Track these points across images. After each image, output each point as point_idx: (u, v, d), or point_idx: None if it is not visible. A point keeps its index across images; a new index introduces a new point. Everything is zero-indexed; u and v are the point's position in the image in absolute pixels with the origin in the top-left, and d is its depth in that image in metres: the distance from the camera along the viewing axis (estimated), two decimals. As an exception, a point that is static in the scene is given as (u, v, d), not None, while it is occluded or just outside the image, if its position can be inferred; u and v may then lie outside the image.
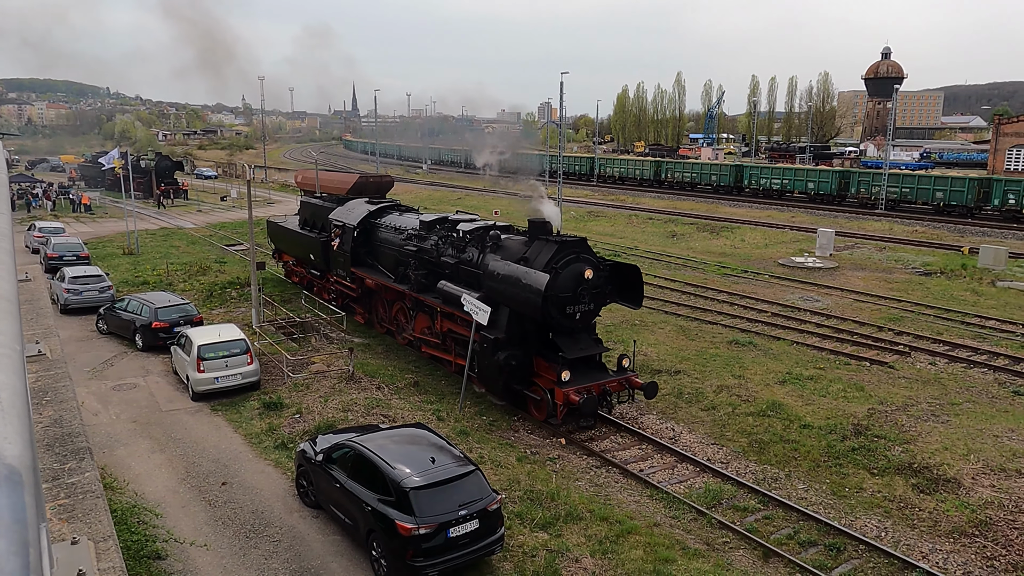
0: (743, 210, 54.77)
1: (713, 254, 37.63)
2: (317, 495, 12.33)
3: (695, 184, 67.64)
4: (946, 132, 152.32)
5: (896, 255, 36.48)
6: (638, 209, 55.77)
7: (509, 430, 15.96)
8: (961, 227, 45.68)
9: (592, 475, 13.99)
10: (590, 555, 11.23)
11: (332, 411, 16.30)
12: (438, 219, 20.69)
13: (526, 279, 15.29)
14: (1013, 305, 26.88)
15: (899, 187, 52.26)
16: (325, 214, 24.80)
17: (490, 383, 16.80)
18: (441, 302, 18.33)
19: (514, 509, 12.42)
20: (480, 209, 56.98)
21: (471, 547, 10.33)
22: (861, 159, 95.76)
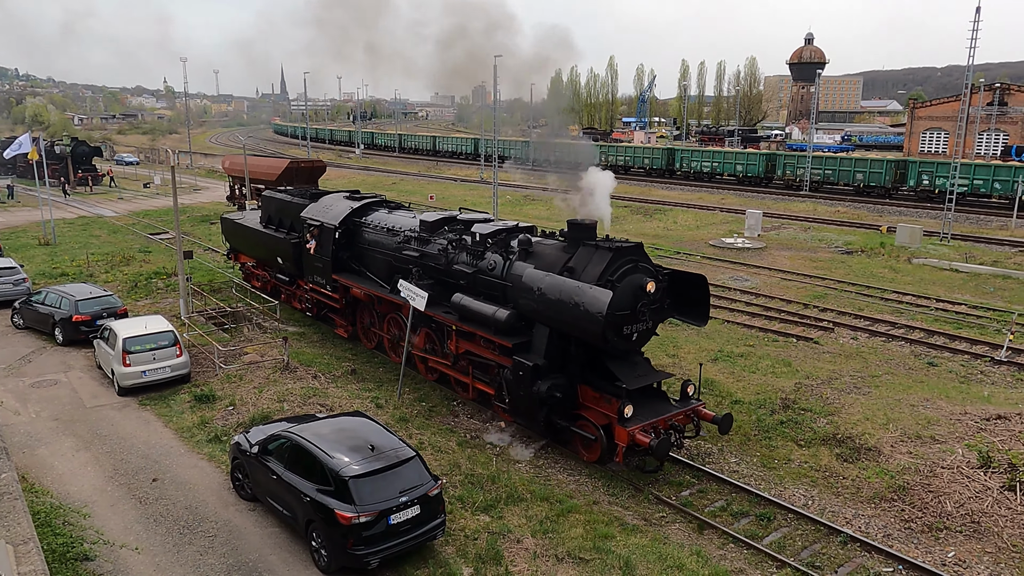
0: (675, 193, 55.87)
1: (647, 236, 38.26)
2: (253, 488, 12.08)
3: (628, 167, 68.53)
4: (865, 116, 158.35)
5: (820, 235, 37.85)
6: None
7: (449, 415, 15.96)
8: (880, 207, 47.68)
9: (532, 456, 14.13)
10: (531, 535, 11.37)
11: (267, 402, 15.96)
12: (443, 219, 17.71)
13: (580, 297, 12.67)
14: (927, 281, 28.29)
15: (822, 169, 54.15)
16: (295, 211, 21.54)
17: (526, 417, 13.97)
18: (457, 319, 15.53)
19: (455, 493, 12.46)
20: (415, 194, 56.46)
21: (413, 533, 10.32)
22: (787, 142, 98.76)
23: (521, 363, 13.67)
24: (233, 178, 45.02)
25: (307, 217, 20.59)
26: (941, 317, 23.24)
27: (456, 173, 73.35)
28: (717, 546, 11.27)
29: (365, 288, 18.65)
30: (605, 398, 13.18)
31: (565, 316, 13.04)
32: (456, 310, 15.56)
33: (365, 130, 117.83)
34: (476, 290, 15.62)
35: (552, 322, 13.58)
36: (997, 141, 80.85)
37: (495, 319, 14.47)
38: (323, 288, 20.28)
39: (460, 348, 15.87)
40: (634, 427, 12.57)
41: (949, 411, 15.58)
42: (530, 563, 10.68)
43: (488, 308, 14.73)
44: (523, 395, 13.67)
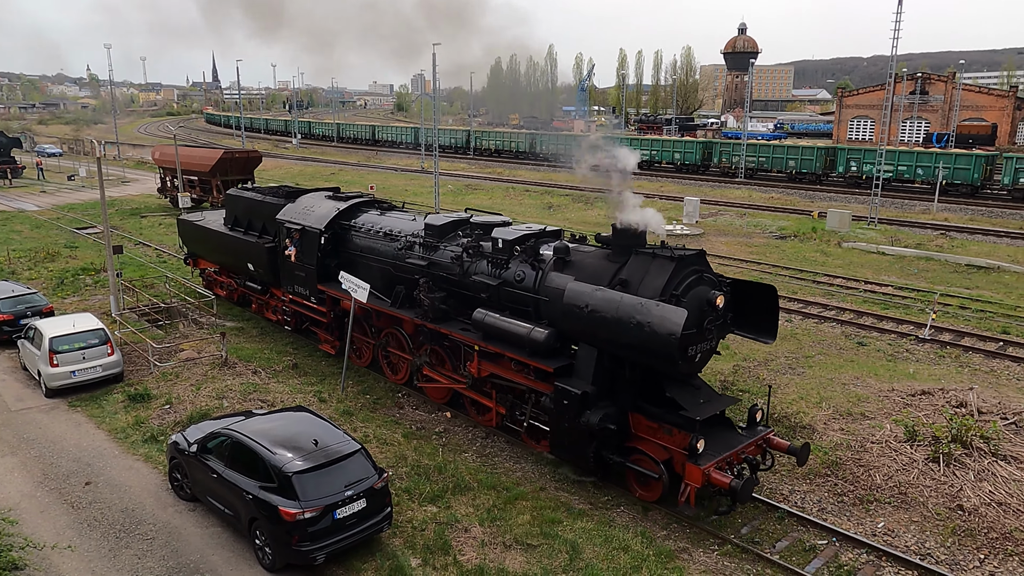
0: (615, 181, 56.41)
1: (588, 224, 38.60)
2: (193, 487, 11.78)
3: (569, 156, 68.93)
4: (797, 104, 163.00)
5: (755, 220, 38.86)
6: (515, 181, 56.31)
7: (394, 407, 15.85)
8: (811, 193, 49.22)
9: (479, 446, 14.16)
10: (479, 524, 11.41)
11: (205, 399, 15.56)
12: (453, 222, 15.68)
13: (644, 315, 10.88)
14: (856, 264, 29.37)
15: (756, 156, 55.55)
16: (268, 212, 19.50)
17: (571, 451, 12.22)
18: (480, 337, 13.81)
19: (402, 485, 12.41)
20: (355, 184, 55.67)
21: (359, 527, 10.24)
22: (722, 130, 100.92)
23: (565, 390, 11.87)
24: (164, 169, 43.51)
25: (285, 220, 18.45)
26: (869, 299, 24.17)
27: (397, 163, 72.56)
28: (661, 526, 11.52)
29: (357, 300, 16.41)
30: (664, 428, 11.62)
31: (625, 338, 11.23)
32: (479, 328, 13.69)
33: (302, 119, 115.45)
34: (499, 304, 13.79)
35: (605, 344, 11.79)
36: (919, 128, 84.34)
37: (531, 340, 12.67)
38: (306, 300, 18.16)
39: (483, 371, 13.93)
40: (708, 464, 10.93)
41: (877, 388, 16.25)
42: (478, 551, 10.73)
43: (521, 327, 12.90)
44: (567, 427, 11.91)
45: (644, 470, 11.63)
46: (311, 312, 18.37)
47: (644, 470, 11.63)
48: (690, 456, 11.00)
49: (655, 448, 11.67)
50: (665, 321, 10.67)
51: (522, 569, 10.32)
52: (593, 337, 11.94)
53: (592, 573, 10.19)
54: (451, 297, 14.87)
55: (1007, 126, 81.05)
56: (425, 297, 14.80)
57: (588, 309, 11.72)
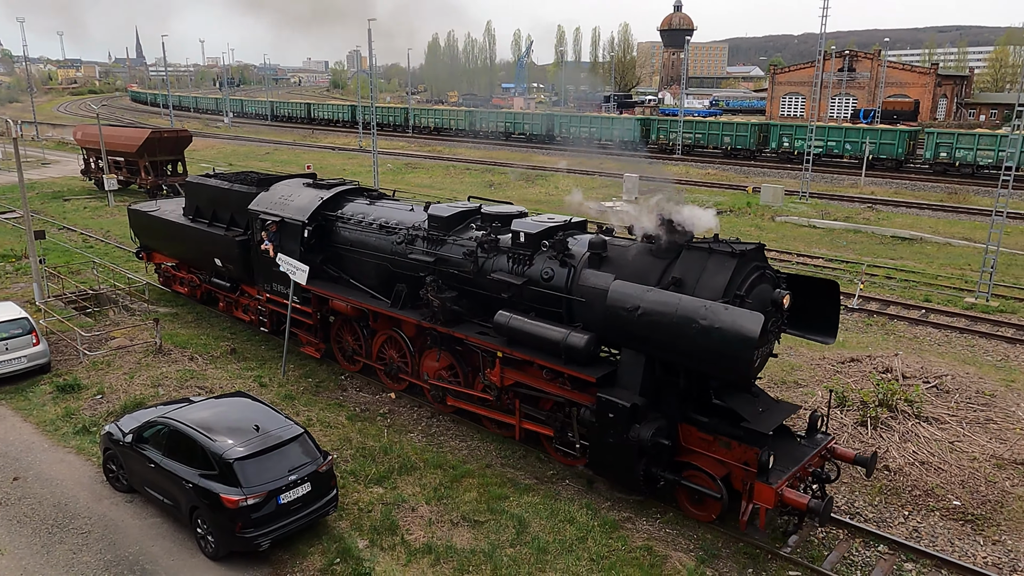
0: (555, 158, 56.67)
1: (530, 202, 38.70)
2: (130, 478, 11.45)
3: (509, 133, 68.82)
4: (731, 81, 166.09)
5: (692, 196, 39.56)
6: (455, 160, 55.94)
7: (337, 390, 15.68)
8: (746, 168, 50.38)
9: (424, 426, 14.16)
10: (426, 503, 11.44)
11: (140, 388, 15.10)
12: (462, 212, 14.15)
13: (711, 319, 9.62)
14: (789, 237, 30.28)
15: (693, 133, 56.50)
16: (237, 202, 17.65)
17: (616, 470, 11.03)
18: (503, 343, 12.42)
19: (347, 468, 12.32)
20: (291, 163, 54.44)
21: (304, 511, 10.14)
22: (660, 107, 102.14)
23: (612, 403, 10.61)
24: (87, 150, 41.65)
25: (259, 211, 16.61)
26: (802, 270, 24.97)
27: (334, 141, 71.18)
28: (605, 498, 11.74)
29: (352, 300, 15.10)
30: (721, 441, 10.53)
31: (685, 345, 9.97)
32: (503, 332, 12.31)
33: (234, 97, 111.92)
34: (522, 305, 12.48)
35: (659, 351, 10.58)
36: (848, 105, 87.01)
37: (569, 345, 11.27)
38: (286, 299, 16.29)
39: (507, 380, 12.62)
40: (780, 482, 9.92)
41: (809, 357, 16.85)
42: (426, 530, 10.77)
43: (556, 331, 11.54)
44: (612, 443, 10.74)
45: (701, 487, 10.51)
46: (294, 313, 16.28)
47: (701, 487, 10.51)
48: (759, 474, 9.93)
49: (710, 463, 10.53)
50: (738, 326, 9.43)
51: (470, 545, 10.41)
52: (643, 343, 10.61)
53: (539, 546, 10.34)
54: (463, 297, 13.42)
55: (929, 102, 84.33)
56: (434, 297, 13.24)
57: (639, 312, 10.33)
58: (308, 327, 16.65)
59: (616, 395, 10.71)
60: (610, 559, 10.14)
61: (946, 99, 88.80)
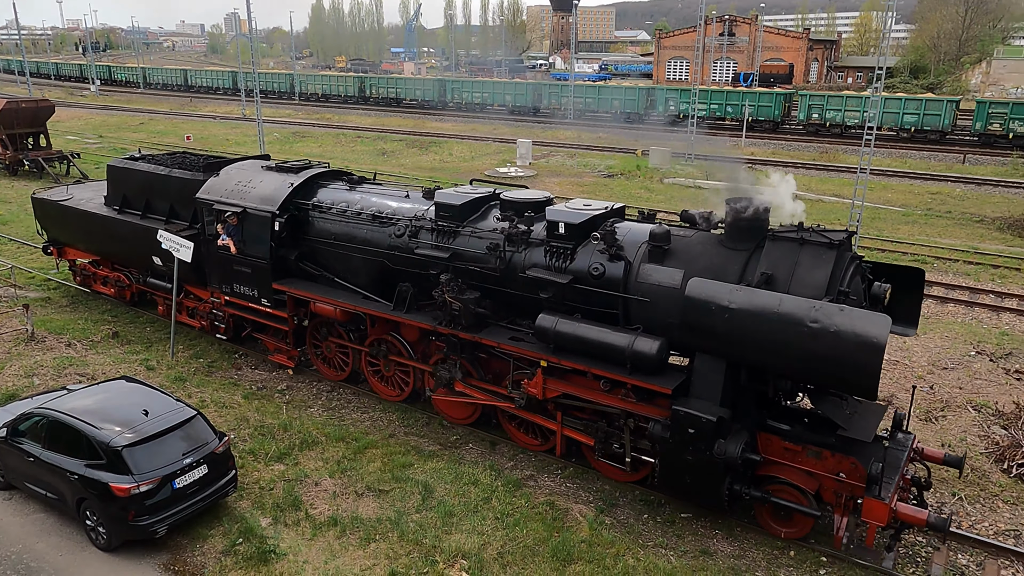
0: (448, 124, 56.22)
1: (424, 169, 38.37)
2: (7, 475, 10.78)
3: (401, 100, 67.58)
4: (619, 45, 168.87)
5: (585, 160, 40.33)
6: (345, 127, 54.49)
7: (231, 369, 15.22)
8: (635, 132, 51.66)
9: (324, 400, 14.00)
10: (329, 476, 11.39)
11: (12, 379, 14.14)
12: (476, 199, 12.46)
13: (827, 323, 8.46)
14: (677, 198, 31.44)
15: (584, 98, 57.30)
16: (179, 189, 15.47)
17: (694, 488, 9.88)
18: (549, 351, 10.86)
19: (246, 447, 12.07)
20: (169, 134, 51.54)
21: (202, 494, 9.89)
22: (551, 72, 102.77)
23: (693, 417, 9.37)
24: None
25: (211, 200, 14.44)
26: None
27: (215, 110, 67.69)
28: (508, 458, 12.05)
29: (343, 303, 13.12)
30: (810, 451, 9.52)
31: (791, 351, 8.79)
32: (547, 338, 10.77)
33: (100, 63, 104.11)
34: (563, 306, 11.06)
35: (751, 357, 9.36)
36: (729, 69, 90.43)
37: (636, 353, 9.95)
38: (256, 303, 14.37)
39: (550, 391, 11.07)
40: (891, 496, 8.96)
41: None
42: (330, 503, 10.74)
43: (619, 336, 10.20)
44: (692, 461, 9.55)
45: (794, 505, 9.54)
46: (263, 318, 14.50)
47: (794, 505, 9.54)
48: (869, 488, 8.96)
49: (798, 475, 9.55)
50: (862, 331, 8.33)
51: (376, 514, 10.48)
52: (731, 349, 9.36)
53: (445, 510, 10.53)
54: (486, 297, 11.82)
55: (802, 66, 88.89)
56: (453, 299, 11.55)
57: (727, 315, 9.08)
58: (278, 332, 14.72)
59: (695, 407, 9.44)
60: (514, 516, 10.46)
61: (817, 63, 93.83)
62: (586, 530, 10.16)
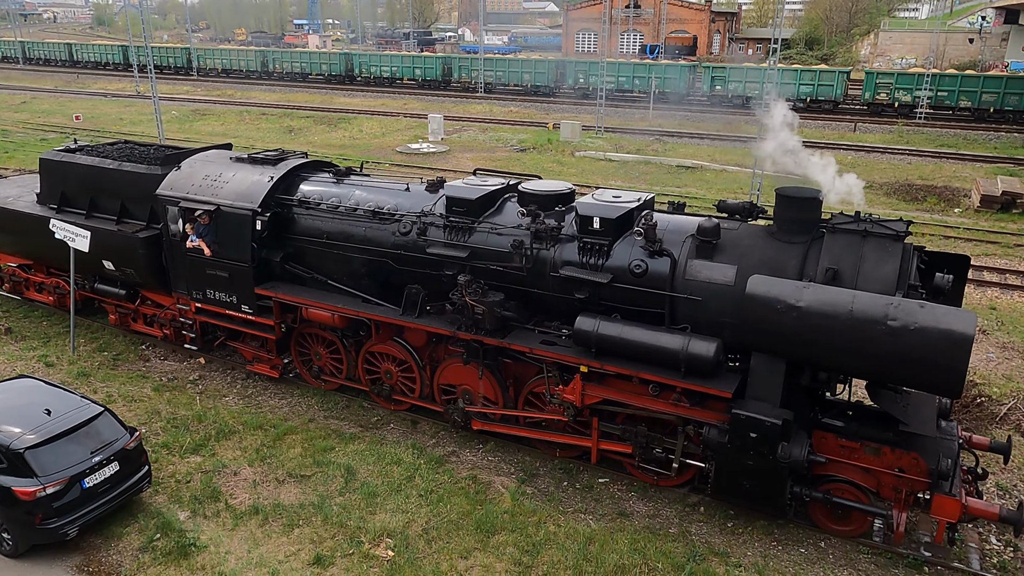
0: (358, 100, 55.03)
1: (333, 147, 37.56)
2: None
3: (306, 75, 65.57)
4: (528, 17, 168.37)
5: (497, 135, 40.36)
6: (249, 104, 52.56)
7: (139, 361, 14.70)
8: (546, 105, 51.97)
9: (239, 388, 13.73)
10: (249, 465, 11.24)
11: None
12: (491, 193, 11.55)
13: (912, 321, 8.12)
14: (588, 171, 31.99)
15: (494, 71, 57.09)
16: (132, 185, 14.05)
17: (756, 495, 9.48)
18: (590, 356, 10.16)
19: (159, 440, 11.75)
20: (55, 114, 48.56)
21: (114, 492, 9.61)
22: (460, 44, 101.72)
23: (756, 420, 8.97)
24: None
25: (175, 197, 13.02)
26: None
27: (105, 87, 63.95)
28: (430, 436, 12.20)
29: (342, 309, 12.08)
30: (868, 448, 9.28)
31: (868, 350, 8.40)
32: (588, 341, 10.07)
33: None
34: (599, 306, 10.45)
35: (821, 358, 9.00)
36: (635, 41, 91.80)
37: (692, 355, 9.39)
38: (235, 310, 13.07)
39: (589, 398, 10.41)
40: (961, 491, 8.89)
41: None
42: (251, 492, 10.63)
43: (672, 338, 9.59)
44: (753, 466, 9.20)
45: (856, 504, 9.36)
46: (244, 326, 13.23)
47: (856, 504, 9.36)
48: (936, 485, 8.80)
49: (857, 473, 9.35)
50: (948, 328, 8.00)
51: (298, 500, 10.45)
52: (797, 349, 8.98)
53: (368, 491, 10.60)
54: (510, 299, 11.05)
55: (705, 37, 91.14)
56: (476, 302, 10.66)
57: (795, 314, 8.67)
58: (256, 340, 13.73)
59: (757, 410, 9.05)
60: (438, 492, 10.64)
61: (720, 34, 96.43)
62: (508, 501, 10.44)
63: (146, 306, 14.94)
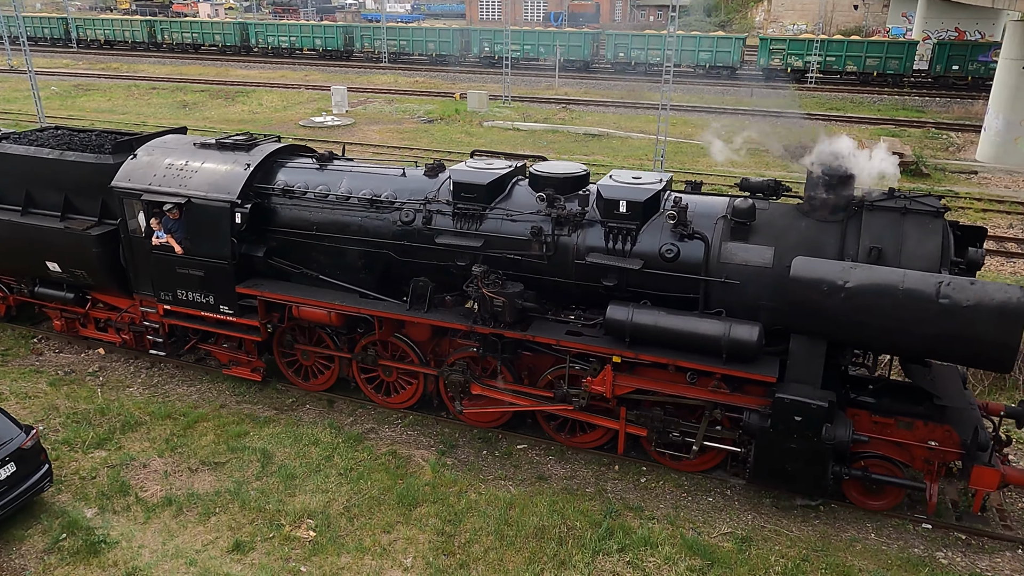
0: (255, 72, 52.87)
1: (232, 122, 36.07)
2: None
3: (199, 45, 62.36)
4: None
5: (403, 106, 39.70)
6: (137, 78, 49.69)
7: (30, 355, 13.91)
8: (452, 75, 51.37)
9: (144, 378, 13.22)
10: (159, 456, 10.91)
11: None
12: (502, 177, 10.91)
13: (964, 298, 8.16)
14: (497, 141, 31.96)
15: (398, 40, 55.89)
16: (81, 177, 12.74)
17: (797, 478, 9.42)
18: (623, 346, 9.81)
19: (59, 437, 11.24)
20: (-82, 92, 44.51)
21: (11, 494, 9.14)
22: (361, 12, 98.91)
23: (801, 403, 8.91)
24: None
25: (135, 189, 11.79)
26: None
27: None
28: (347, 414, 12.13)
29: (339, 306, 11.22)
30: (901, 422, 9.41)
31: (921, 330, 8.44)
32: (622, 331, 9.72)
33: None
34: (625, 293, 10.12)
35: (878, 337, 8.90)
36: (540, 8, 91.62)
37: (735, 341, 9.19)
38: (212, 311, 12.02)
39: (620, 388, 10.07)
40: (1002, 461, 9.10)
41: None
42: (162, 483, 10.33)
43: (712, 325, 9.35)
44: (796, 448, 9.14)
45: (891, 479, 9.48)
46: (223, 328, 12.20)
47: (891, 479, 9.48)
48: (972, 456, 8.90)
49: (891, 448, 9.47)
50: (1002, 305, 8.07)
51: (213, 488, 10.23)
52: (843, 331, 9.00)
53: (286, 473, 10.49)
54: (531, 287, 10.51)
55: (608, 4, 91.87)
56: (494, 294, 10.06)
57: (843, 295, 8.58)
58: (233, 342, 12.76)
59: (800, 393, 8.99)
60: (358, 470, 10.63)
61: (622, 2, 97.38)
62: (429, 473, 10.55)
63: (98, 310, 13.65)
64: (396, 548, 9.21)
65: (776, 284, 9.28)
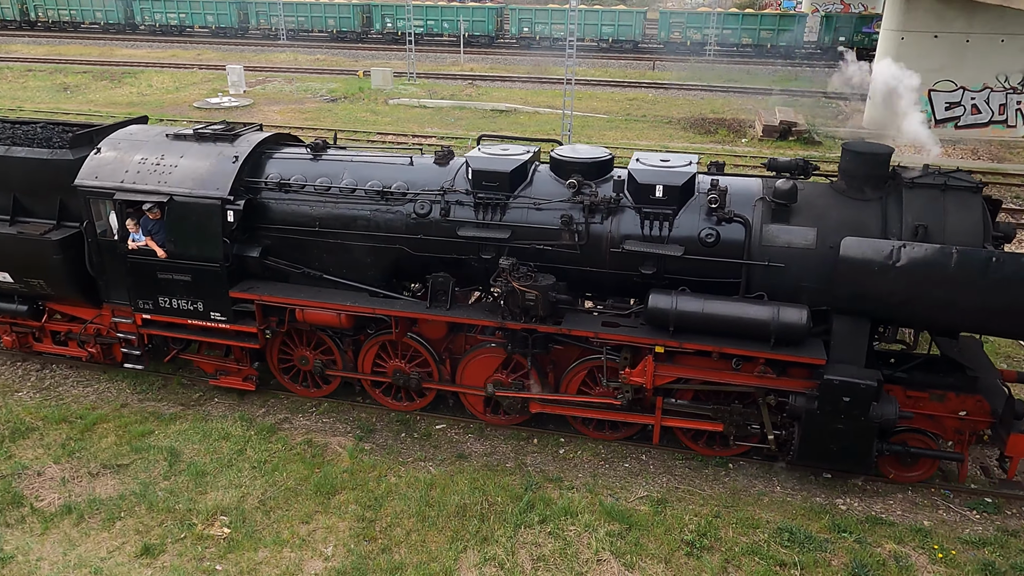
0: (143, 51, 50.01)
1: (120, 105, 34.07)
2: None
3: (78, 24, 58.34)
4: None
5: (304, 85, 38.45)
6: (10, 59, 46.10)
7: (-98, 363, 12.83)
8: (355, 52, 50.06)
9: (34, 380, 12.42)
10: (54, 462, 10.29)
11: None
12: (524, 164, 10.33)
13: (1016, 273, 8.42)
14: (403, 119, 31.45)
15: (296, 16, 53.94)
16: (35, 176, 11.34)
17: (843, 456, 9.41)
18: (666, 335, 9.47)
19: (-61, 451, 10.43)
20: None
21: None
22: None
23: (850, 384, 8.90)
24: None
25: (108, 188, 10.65)
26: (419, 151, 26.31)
27: None
28: (259, 406, 11.76)
29: (351, 308, 10.52)
30: (934, 395, 9.52)
31: (971, 305, 8.63)
32: (668, 320, 9.37)
33: None
34: (663, 280, 9.81)
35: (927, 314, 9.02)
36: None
37: (784, 325, 9.06)
38: (202, 319, 11.00)
39: (661, 378, 9.74)
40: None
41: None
42: (60, 491, 9.76)
43: (760, 309, 9.18)
44: (843, 428, 9.12)
45: (927, 451, 9.67)
46: (214, 336, 11.24)
47: (927, 451, 9.67)
48: (1006, 424, 9.10)
49: (925, 421, 9.63)
50: None
51: (117, 491, 9.74)
52: (892, 309, 9.08)
53: (196, 470, 10.10)
54: (562, 279, 10.04)
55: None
56: (525, 287, 9.55)
57: (892, 274, 8.67)
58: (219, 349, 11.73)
59: (848, 374, 8.99)
60: (272, 462, 10.35)
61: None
62: (347, 460, 10.39)
63: (56, 322, 12.33)
64: (316, 538, 9.04)
65: (820, 265, 9.27)
